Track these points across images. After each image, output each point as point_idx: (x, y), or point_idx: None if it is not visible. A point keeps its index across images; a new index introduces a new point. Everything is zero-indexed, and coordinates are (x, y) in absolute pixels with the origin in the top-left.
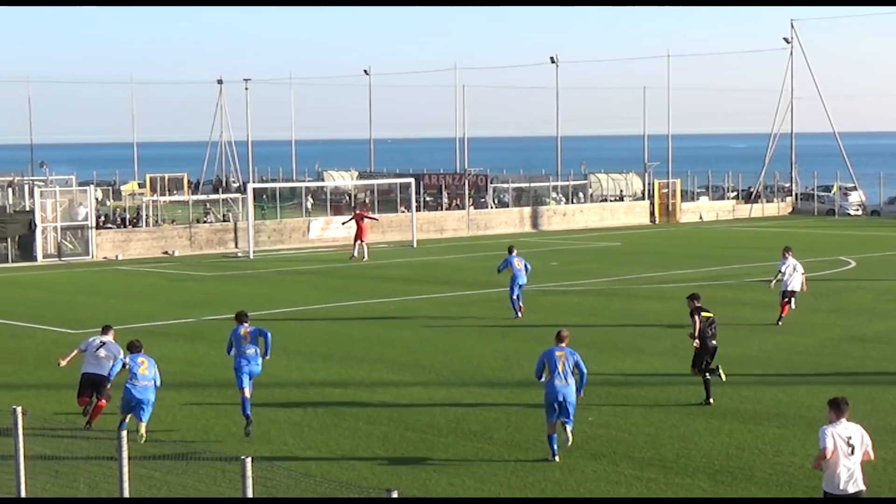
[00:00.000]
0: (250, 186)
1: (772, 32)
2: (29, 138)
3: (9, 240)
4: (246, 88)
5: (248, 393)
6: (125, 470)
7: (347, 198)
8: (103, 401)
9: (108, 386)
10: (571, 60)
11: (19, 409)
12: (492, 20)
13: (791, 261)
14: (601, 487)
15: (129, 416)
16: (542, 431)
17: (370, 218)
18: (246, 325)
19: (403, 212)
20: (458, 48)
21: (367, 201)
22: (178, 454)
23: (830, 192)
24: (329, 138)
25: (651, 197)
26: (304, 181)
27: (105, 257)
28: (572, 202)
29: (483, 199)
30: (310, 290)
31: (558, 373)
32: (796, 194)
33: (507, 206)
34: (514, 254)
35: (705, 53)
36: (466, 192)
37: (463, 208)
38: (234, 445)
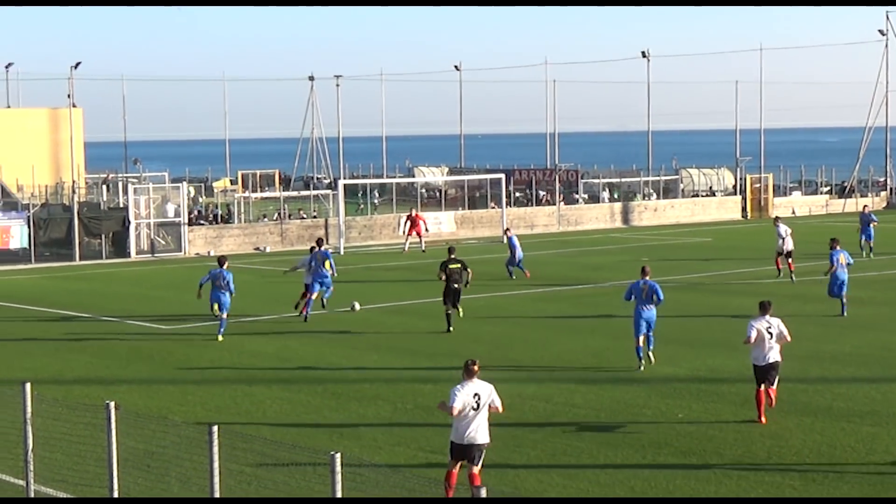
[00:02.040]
0: (341, 182)
1: (867, 24)
2: (123, 135)
3: (103, 236)
4: (337, 85)
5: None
6: (216, 465)
7: (438, 193)
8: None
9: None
10: (663, 55)
11: (112, 404)
12: (583, 15)
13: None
14: (690, 485)
15: None
16: (631, 428)
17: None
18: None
19: (493, 207)
20: (548, 43)
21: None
22: (270, 444)
23: None
24: (419, 134)
25: (743, 192)
26: (394, 177)
27: (197, 253)
28: (663, 197)
29: (574, 195)
30: (400, 285)
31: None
32: (891, 188)
33: (598, 202)
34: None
35: (798, 46)
36: (557, 187)
37: (553, 204)
38: (324, 441)
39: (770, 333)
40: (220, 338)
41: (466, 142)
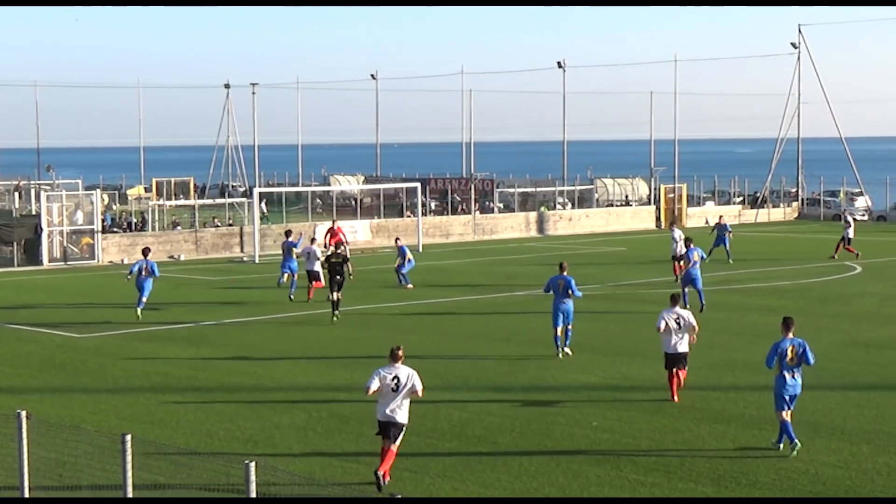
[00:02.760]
0: (256, 191)
1: (779, 37)
2: (36, 142)
3: (15, 244)
4: (253, 93)
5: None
6: (129, 475)
7: (354, 202)
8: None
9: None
10: (579, 65)
11: (23, 414)
12: (499, 24)
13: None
14: (604, 492)
15: None
16: (546, 436)
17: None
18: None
19: (409, 216)
20: (465, 52)
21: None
22: (182, 456)
23: (836, 196)
24: (336, 142)
25: (657, 202)
26: (310, 185)
27: (111, 262)
28: (578, 207)
29: (489, 204)
30: (316, 294)
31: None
32: (802, 199)
33: (513, 211)
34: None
35: (712, 58)
36: (473, 196)
37: (469, 213)
38: (238, 449)
39: (678, 324)
40: (140, 312)
41: (383, 150)
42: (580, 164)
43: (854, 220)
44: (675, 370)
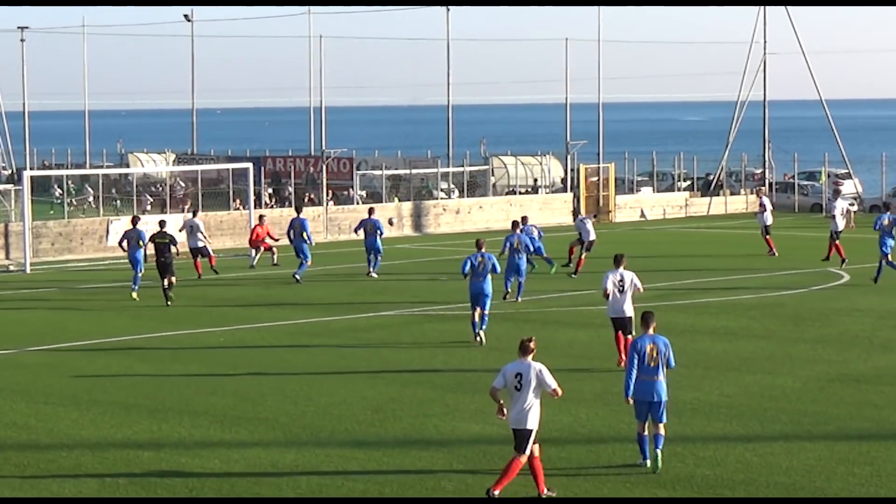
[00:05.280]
0: (27, 174)
1: None
2: None
3: None
4: (22, 39)
5: None
6: None
7: (161, 189)
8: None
9: None
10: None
11: None
12: None
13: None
14: None
15: None
16: None
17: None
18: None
19: (238, 209)
20: None
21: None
22: None
23: (817, 180)
24: (136, 108)
25: (576, 188)
26: (101, 167)
27: None
28: (469, 195)
29: (347, 193)
30: (110, 316)
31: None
32: (770, 183)
33: (381, 202)
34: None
35: None
36: (324, 181)
37: (319, 204)
38: None
39: (621, 286)
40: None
41: (201, 119)
42: (471, 137)
43: (849, 210)
44: (622, 334)
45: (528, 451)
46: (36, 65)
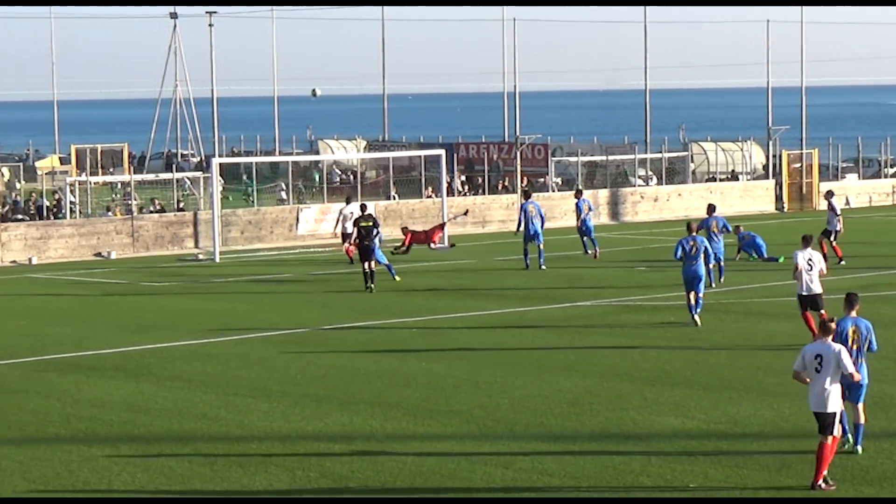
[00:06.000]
0: (215, 161)
1: None
2: None
3: None
4: (210, 24)
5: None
6: None
7: (352, 177)
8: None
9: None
10: None
11: None
12: None
13: None
14: None
15: None
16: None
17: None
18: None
19: (431, 197)
20: None
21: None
22: None
23: None
24: (326, 94)
25: (778, 175)
26: (291, 154)
27: (14, 261)
28: (667, 182)
29: (542, 180)
30: (299, 306)
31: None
32: None
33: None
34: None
35: None
36: (518, 168)
37: (514, 192)
38: None
39: (810, 265)
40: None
41: (392, 105)
42: (668, 123)
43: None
44: (810, 312)
45: (835, 433)
46: (223, 50)
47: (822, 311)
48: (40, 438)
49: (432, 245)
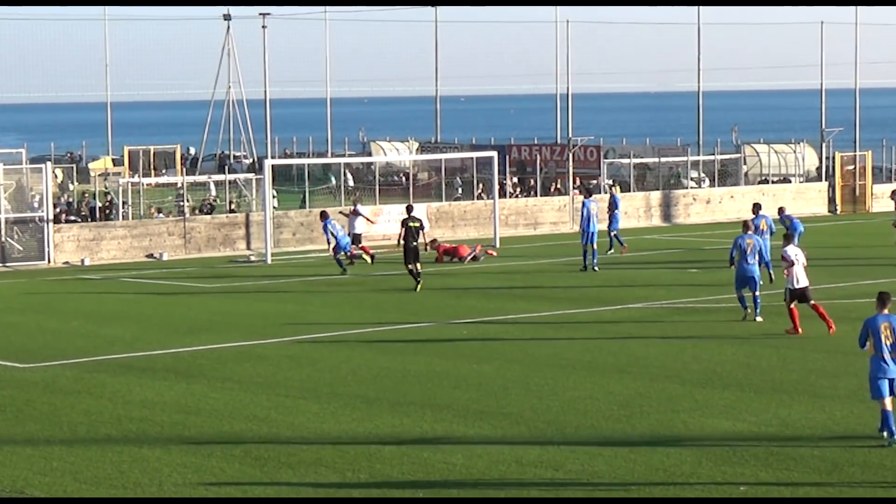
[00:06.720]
0: (268, 163)
1: None
2: None
3: None
4: (263, 26)
5: None
6: None
7: (404, 179)
8: None
9: None
10: None
11: None
12: None
13: None
14: None
15: None
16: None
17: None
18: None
19: (483, 198)
20: None
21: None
22: None
23: None
24: (378, 96)
25: (831, 177)
26: (343, 155)
27: (67, 262)
28: (719, 184)
29: (594, 182)
30: (350, 307)
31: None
32: None
33: (629, 191)
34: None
35: None
36: (570, 170)
37: (566, 193)
38: None
39: (797, 260)
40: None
41: (445, 106)
42: (721, 124)
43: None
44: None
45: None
46: (277, 52)
47: (812, 302)
48: (92, 439)
49: (463, 258)
